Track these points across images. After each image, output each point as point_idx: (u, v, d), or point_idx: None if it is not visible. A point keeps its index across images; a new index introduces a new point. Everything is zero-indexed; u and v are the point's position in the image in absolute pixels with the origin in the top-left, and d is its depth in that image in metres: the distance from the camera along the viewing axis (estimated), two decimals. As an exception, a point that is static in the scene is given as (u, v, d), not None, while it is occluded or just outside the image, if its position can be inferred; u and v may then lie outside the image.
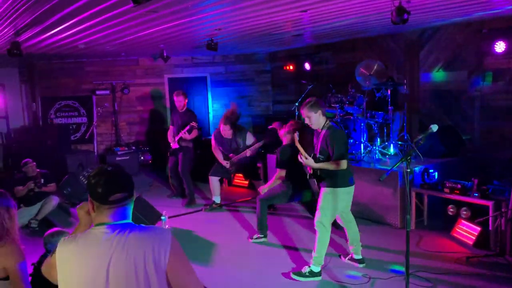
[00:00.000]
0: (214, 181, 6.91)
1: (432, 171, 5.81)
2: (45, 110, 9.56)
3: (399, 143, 6.73)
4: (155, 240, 1.81)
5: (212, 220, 6.53)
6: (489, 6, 5.10)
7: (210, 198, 7.19)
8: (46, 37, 5.90)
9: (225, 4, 4.41)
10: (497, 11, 5.55)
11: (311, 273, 4.32)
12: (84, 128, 9.83)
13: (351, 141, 6.75)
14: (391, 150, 6.68)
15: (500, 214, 4.75)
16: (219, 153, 6.88)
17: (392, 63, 7.69)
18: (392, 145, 6.67)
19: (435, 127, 3.32)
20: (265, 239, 5.47)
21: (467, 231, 5.14)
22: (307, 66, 9.11)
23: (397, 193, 5.69)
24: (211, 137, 7.08)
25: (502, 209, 4.76)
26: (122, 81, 9.84)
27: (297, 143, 4.41)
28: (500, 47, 6.05)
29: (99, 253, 1.78)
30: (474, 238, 5.00)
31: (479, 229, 4.98)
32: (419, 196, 5.79)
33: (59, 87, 9.65)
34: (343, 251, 4.91)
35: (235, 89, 10.64)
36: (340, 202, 4.32)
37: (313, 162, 4.29)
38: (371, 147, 6.55)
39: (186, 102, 7.30)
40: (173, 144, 7.27)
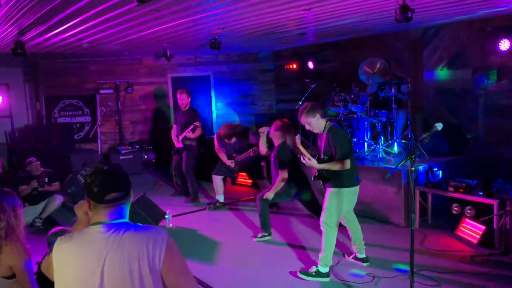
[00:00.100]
0: (217, 180, 6.91)
1: (436, 169, 5.79)
2: (49, 109, 9.58)
3: (403, 141, 6.71)
4: (150, 239, 1.79)
5: (215, 219, 6.53)
6: (493, 4, 5.08)
7: (213, 197, 7.20)
8: (50, 36, 5.91)
9: (229, 2, 4.40)
10: (501, 9, 5.52)
11: (318, 273, 4.30)
12: (88, 127, 9.85)
13: (355, 139, 6.73)
14: (395, 148, 6.66)
15: (505, 212, 4.73)
16: (222, 154, 6.88)
17: (395, 61, 7.67)
18: (396, 144, 6.65)
19: (439, 126, 3.30)
20: (269, 237, 5.46)
21: (471, 230, 5.12)
22: (311, 64, 9.08)
23: (401, 191, 5.68)
24: (214, 137, 7.08)
25: (506, 208, 4.74)
26: (125, 80, 9.86)
27: (299, 145, 4.39)
28: (504, 45, 6.03)
29: (94, 253, 1.77)
30: (478, 237, 4.99)
31: (483, 228, 4.97)
32: (423, 194, 5.77)
33: (63, 86, 9.68)
34: (347, 250, 4.90)
35: (238, 88, 10.63)
36: (345, 202, 4.31)
37: (316, 163, 4.27)
38: (375, 145, 6.54)
39: (189, 100, 7.29)
40: (177, 143, 7.28)
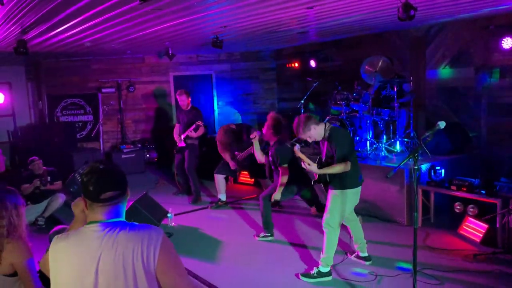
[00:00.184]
0: (219, 179, 6.92)
1: (438, 168, 5.78)
2: (51, 108, 9.59)
3: (405, 140, 6.70)
4: (144, 238, 1.77)
5: (218, 217, 6.54)
6: (497, 2, 5.06)
7: (215, 195, 7.20)
8: (52, 35, 5.91)
9: (231, 1, 4.40)
10: (504, 7, 5.51)
11: (320, 274, 4.29)
12: (90, 126, 9.86)
13: (357, 138, 6.72)
14: (397, 147, 6.64)
15: (507, 211, 4.73)
16: (226, 154, 6.86)
17: (398, 60, 7.65)
18: (398, 142, 6.64)
19: (442, 124, 3.28)
20: (271, 237, 5.46)
21: (474, 229, 5.11)
22: (313, 63, 9.07)
23: (404, 190, 5.67)
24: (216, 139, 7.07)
25: (509, 207, 4.74)
26: (127, 79, 9.87)
27: (299, 154, 4.38)
28: (507, 43, 6.01)
29: (89, 252, 1.76)
30: (481, 235, 4.98)
31: (486, 226, 4.96)
32: (426, 193, 5.76)
33: (65, 85, 9.69)
34: (349, 249, 4.90)
35: (240, 86, 10.64)
36: (348, 203, 4.30)
37: (316, 168, 4.26)
38: (377, 144, 6.52)
39: (189, 100, 7.29)
40: (179, 142, 7.28)
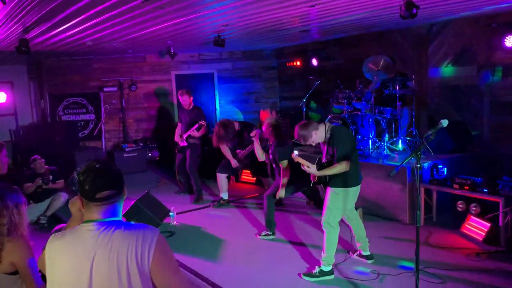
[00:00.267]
0: (221, 178, 6.92)
1: (441, 166, 5.76)
2: (53, 107, 9.61)
3: (408, 138, 6.69)
4: (138, 238, 1.75)
5: (220, 216, 6.54)
6: (499, -1, 5.05)
7: (217, 194, 7.20)
8: (54, 34, 5.92)
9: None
10: (507, 5, 5.48)
11: (321, 273, 4.28)
12: (92, 125, 9.87)
13: (359, 137, 6.71)
14: (400, 146, 6.63)
15: (510, 209, 4.71)
16: (227, 150, 6.86)
17: (400, 58, 7.63)
18: (400, 141, 6.62)
19: (445, 122, 3.27)
20: (273, 236, 5.46)
21: (476, 227, 5.10)
22: (314, 61, 9.05)
23: (406, 189, 5.66)
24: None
25: (512, 205, 4.72)
26: (129, 78, 9.88)
27: (297, 159, 4.37)
28: (510, 41, 5.98)
29: (84, 251, 1.75)
30: (483, 234, 4.96)
31: (489, 225, 4.94)
32: (428, 192, 5.75)
33: (67, 84, 9.71)
34: (351, 248, 4.89)
35: (242, 85, 10.63)
36: (350, 201, 4.30)
37: (316, 170, 4.25)
38: (379, 143, 6.51)
39: (191, 100, 7.28)
40: (181, 142, 7.28)
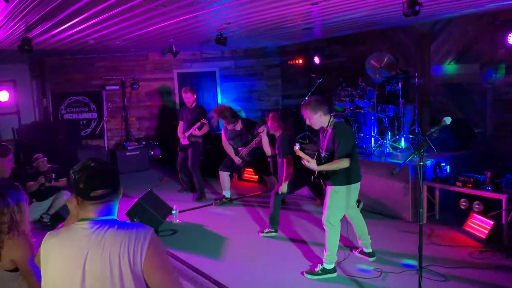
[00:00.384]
0: (224, 176, 6.92)
1: (444, 164, 5.75)
2: (56, 105, 9.62)
3: (410, 136, 6.67)
4: (131, 237, 1.73)
5: (222, 214, 6.54)
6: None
7: (220, 192, 7.20)
8: (56, 33, 5.92)
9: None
10: (510, 2, 5.45)
11: (324, 271, 4.28)
12: (94, 123, 9.88)
13: (362, 135, 6.70)
14: (402, 143, 6.62)
15: (513, 207, 4.70)
16: (230, 148, 6.86)
17: (403, 56, 7.61)
18: (403, 139, 6.61)
19: (448, 120, 3.27)
20: (275, 233, 5.46)
21: (479, 225, 5.08)
22: (317, 59, 9.03)
23: (409, 187, 5.65)
24: (221, 132, 7.07)
25: (515, 203, 4.71)
26: (131, 76, 9.88)
27: (299, 152, 4.36)
28: (513, 39, 5.95)
29: (77, 249, 1.74)
30: (487, 232, 4.94)
31: (492, 223, 4.92)
32: (431, 190, 5.74)
33: (69, 82, 9.71)
34: (354, 245, 4.89)
35: (244, 83, 10.62)
36: (352, 198, 4.30)
37: (315, 165, 4.23)
38: (382, 141, 6.50)
39: (194, 98, 7.31)
40: (183, 140, 7.28)
